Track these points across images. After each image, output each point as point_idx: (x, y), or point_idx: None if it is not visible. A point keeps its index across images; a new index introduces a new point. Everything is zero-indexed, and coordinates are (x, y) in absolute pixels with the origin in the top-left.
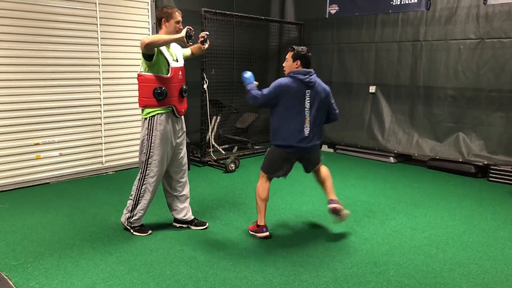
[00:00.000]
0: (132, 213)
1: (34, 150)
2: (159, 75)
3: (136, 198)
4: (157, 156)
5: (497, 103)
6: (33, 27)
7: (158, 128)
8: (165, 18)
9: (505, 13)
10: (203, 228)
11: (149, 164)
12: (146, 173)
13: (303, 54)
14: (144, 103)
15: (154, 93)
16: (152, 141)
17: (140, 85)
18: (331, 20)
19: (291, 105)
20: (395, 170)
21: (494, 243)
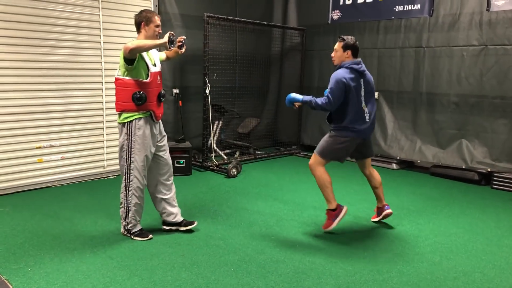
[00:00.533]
0: (126, 221)
1: (35, 154)
2: (138, 80)
3: (126, 206)
4: (138, 161)
5: (500, 110)
6: (36, 31)
7: (138, 133)
8: (144, 22)
9: (508, 19)
10: (192, 226)
11: (132, 170)
12: (130, 179)
13: (353, 44)
14: (122, 108)
15: (133, 98)
16: (132, 146)
17: (118, 89)
18: (334, 26)
19: (354, 96)
20: (397, 176)
21: (498, 252)
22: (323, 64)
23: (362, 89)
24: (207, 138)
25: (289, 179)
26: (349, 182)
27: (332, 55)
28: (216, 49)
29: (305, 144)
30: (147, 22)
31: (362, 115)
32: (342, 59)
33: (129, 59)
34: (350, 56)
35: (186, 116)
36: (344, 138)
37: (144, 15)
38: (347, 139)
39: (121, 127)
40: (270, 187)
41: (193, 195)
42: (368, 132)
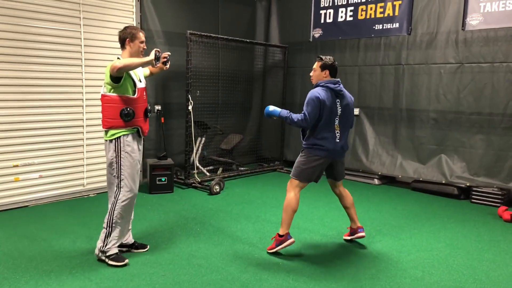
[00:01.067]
0: (106, 241)
1: (12, 172)
2: (126, 96)
3: (109, 225)
4: (128, 179)
5: (477, 126)
6: (15, 47)
7: (127, 149)
8: (129, 39)
9: (482, 38)
10: (144, 250)
11: (121, 188)
12: (119, 198)
13: (331, 64)
14: (109, 124)
15: (121, 114)
16: (122, 163)
17: (105, 106)
18: (315, 44)
19: (327, 114)
20: (379, 192)
21: (479, 266)
22: (305, 81)
23: (338, 109)
24: (190, 155)
25: (272, 195)
26: (333, 198)
27: (311, 74)
28: (199, 66)
29: (288, 160)
30: (132, 38)
31: (334, 134)
32: (319, 79)
33: (116, 77)
34: (327, 76)
35: (169, 133)
36: (315, 157)
37: (129, 31)
38: (317, 158)
39: (108, 144)
40: (253, 204)
41: (175, 213)
42: (338, 153)
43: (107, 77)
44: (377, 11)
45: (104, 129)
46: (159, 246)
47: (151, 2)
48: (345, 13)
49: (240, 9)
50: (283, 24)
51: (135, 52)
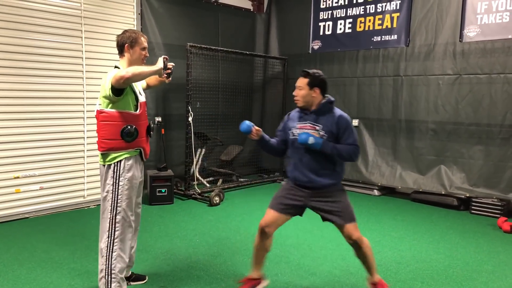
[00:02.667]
0: None
1: (13, 184)
2: (127, 112)
3: (108, 273)
4: (126, 211)
5: (476, 137)
6: (17, 60)
7: (127, 176)
8: (128, 44)
9: (480, 50)
10: (142, 282)
11: (117, 223)
12: (115, 235)
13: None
14: (108, 146)
15: (122, 134)
16: (119, 192)
17: (102, 124)
18: (314, 55)
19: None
20: (379, 202)
21: (478, 277)
22: None
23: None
24: (190, 166)
25: None
26: None
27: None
28: (199, 77)
29: None
30: (132, 44)
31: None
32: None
33: (118, 89)
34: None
35: (169, 144)
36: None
37: (128, 35)
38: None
39: (106, 170)
40: (253, 215)
41: (175, 224)
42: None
43: (105, 90)
44: (375, 23)
45: (101, 152)
46: (159, 257)
47: (151, 14)
48: (344, 25)
49: (240, 21)
50: (282, 36)
51: (135, 60)
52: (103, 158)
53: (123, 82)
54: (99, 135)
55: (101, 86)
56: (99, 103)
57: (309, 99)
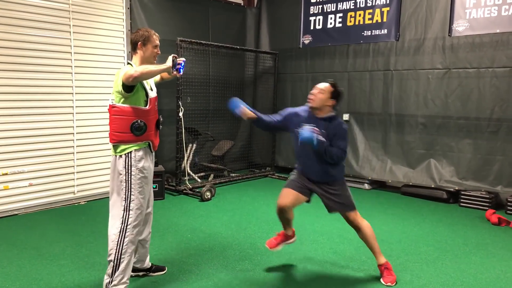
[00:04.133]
0: (112, 277)
1: (2, 181)
2: (137, 107)
3: (117, 257)
4: (139, 199)
5: (465, 130)
6: (5, 55)
7: (139, 166)
8: (141, 42)
9: (469, 44)
10: (162, 273)
11: (131, 210)
12: (128, 221)
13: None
14: (118, 139)
15: (132, 128)
16: (132, 182)
17: (114, 117)
18: (305, 50)
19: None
20: (370, 196)
21: (467, 269)
22: (295, 87)
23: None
24: (181, 162)
25: (264, 201)
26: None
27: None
28: (189, 72)
29: (279, 166)
30: (144, 42)
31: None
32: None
33: (128, 86)
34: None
35: (160, 140)
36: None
37: (141, 33)
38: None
39: (117, 160)
40: (244, 210)
41: (166, 219)
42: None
43: (117, 86)
44: (365, 18)
45: (112, 144)
46: (150, 253)
47: (141, 9)
48: (334, 19)
49: (230, 16)
50: (273, 30)
51: (148, 57)
52: (114, 149)
53: (132, 80)
54: (111, 128)
55: (114, 82)
56: (112, 98)
57: (323, 105)
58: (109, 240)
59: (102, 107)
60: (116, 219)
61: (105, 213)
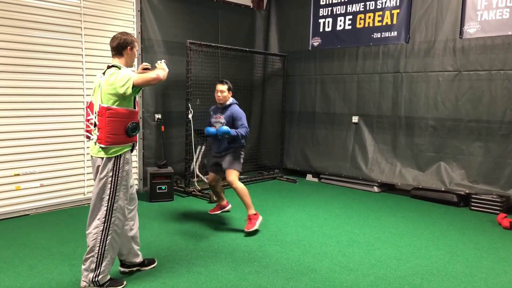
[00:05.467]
0: (96, 272)
1: (14, 181)
2: (130, 109)
3: (100, 253)
4: (122, 200)
5: (476, 133)
6: (17, 57)
7: (126, 168)
8: (130, 47)
9: (480, 46)
10: (154, 265)
11: (115, 210)
12: (112, 220)
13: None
14: (112, 141)
15: (128, 129)
16: (118, 183)
17: (109, 120)
18: (314, 52)
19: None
20: (379, 199)
21: (478, 273)
22: (304, 89)
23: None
24: (190, 163)
25: (272, 203)
26: (331, 206)
27: (219, 95)
28: (199, 74)
29: (288, 168)
30: (132, 46)
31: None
32: (227, 98)
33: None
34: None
35: (169, 142)
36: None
37: (130, 39)
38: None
39: (105, 162)
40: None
41: (175, 221)
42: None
43: (116, 88)
44: (375, 20)
45: (103, 146)
46: (159, 253)
47: (151, 11)
48: (343, 21)
49: (239, 18)
50: (282, 33)
51: (131, 61)
52: (105, 151)
53: (155, 83)
54: (104, 130)
55: (104, 84)
56: (103, 101)
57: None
58: (89, 237)
59: None
60: (99, 218)
61: None
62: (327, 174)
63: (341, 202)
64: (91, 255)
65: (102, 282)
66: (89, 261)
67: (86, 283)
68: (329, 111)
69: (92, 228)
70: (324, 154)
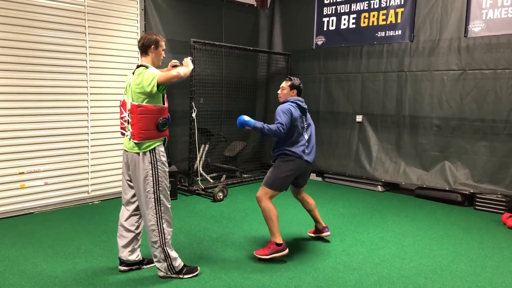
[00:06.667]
0: (168, 261)
1: (18, 180)
2: (160, 105)
3: (163, 243)
4: (165, 189)
5: (480, 133)
6: (21, 55)
7: (162, 159)
8: (154, 46)
9: (485, 45)
10: (154, 265)
11: (162, 200)
12: (162, 210)
13: (298, 85)
14: (144, 136)
15: (158, 124)
16: (159, 175)
17: (140, 116)
18: (318, 51)
19: (297, 124)
20: (383, 198)
21: (482, 273)
22: (308, 88)
23: (304, 124)
24: (193, 162)
25: (276, 202)
26: (335, 205)
27: (279, 92)
28: (203, 73)
29: None
30: (156, 45)
31: (304, 145)
32: (288, 96)
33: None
34: (295, 95)
35: (172, 140)
36: (289, 167)
37: (154, 38)
38: (292, 167)
39: (141, 157)
40: (256, 211)
41: (179, 219)
42: (309, 162)
43: (144, 87)
44: (379, 19)
45: (137, 142)
46: None
47: (155, 10)
48: (347, 20)
49: (243, 17)
50: (286, 31)
51: (157, 59)
52: (139, 147)
53: (176, 80)
54: (137, 126)
55: (133, 84)
56: (133, 99)
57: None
58: (147, 232)
59: (116, 107)
60: (150, 209)
61: (119, 212)
62: (331, 173)
63: (345, 201)
64: (156, 247)
65: (179, 270)
66: (157, 252)
67: (163, 272)
68: (333, 110)
69: (147, 222)
70: (328, 153)
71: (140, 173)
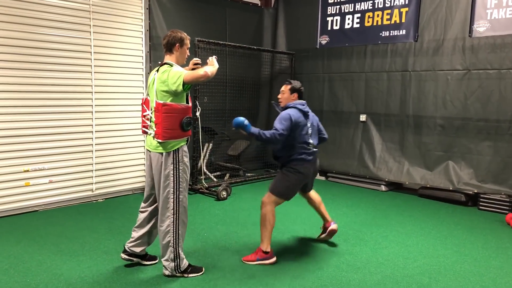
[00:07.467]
0: (177, 261)
1: (23, 177)
2: (184, 104)
3: (176, 243)
4: (185, 190)
5: (484, 132)
6: (26, 54)
7: (185, 160)
8: (179, 44)
9: (490, 45)
10: (154, 263)
11: (181, 201)
12: (180, 211)
13: (299, 88)
14: (169, 135)
15: (183, 124)
16: (180, 175)
17: (165, 115)
18: (322, 50)
19: (300, 131)
20: (386, 198)
21: (486, 273)
22: (312, 87)
23: (308, 127)
24: (197, 161)
25: None
26: (338, 204)
27: (280, 96)
28: None
29: None
30: (181, 43)
31: (309, 149)
32: (289, 101)
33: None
34: (296, 98)
35: None
36: (298, 177)
37: (179, 36)
38: (301, 177)
39: (165, 157)
40: (259, 210)
41: None
42: (314, 166)
43: (169, 85)
44: (384, 18)
45: (161, 141)
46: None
47: (160, 9)
48: (352, 20)
49: (247, 16)
50: (290, 31)
51: (182, 58)
52: (163, 146)
53: (203, 79)
54: (161, 125)
55: (158, 82)
56: (158, 98)
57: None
58: (161, 232)
59: (121, 105)
60: (168, 209)
61: (123, 210)
62: (334, 173)
63: (349, 201)
64: (169, 246)
65: (184, 269)
66: (168, 251)
67: (169, 272)
68: (336, 109)
69: (164, 222)
70: (331, 152)
71: (162, 173)
